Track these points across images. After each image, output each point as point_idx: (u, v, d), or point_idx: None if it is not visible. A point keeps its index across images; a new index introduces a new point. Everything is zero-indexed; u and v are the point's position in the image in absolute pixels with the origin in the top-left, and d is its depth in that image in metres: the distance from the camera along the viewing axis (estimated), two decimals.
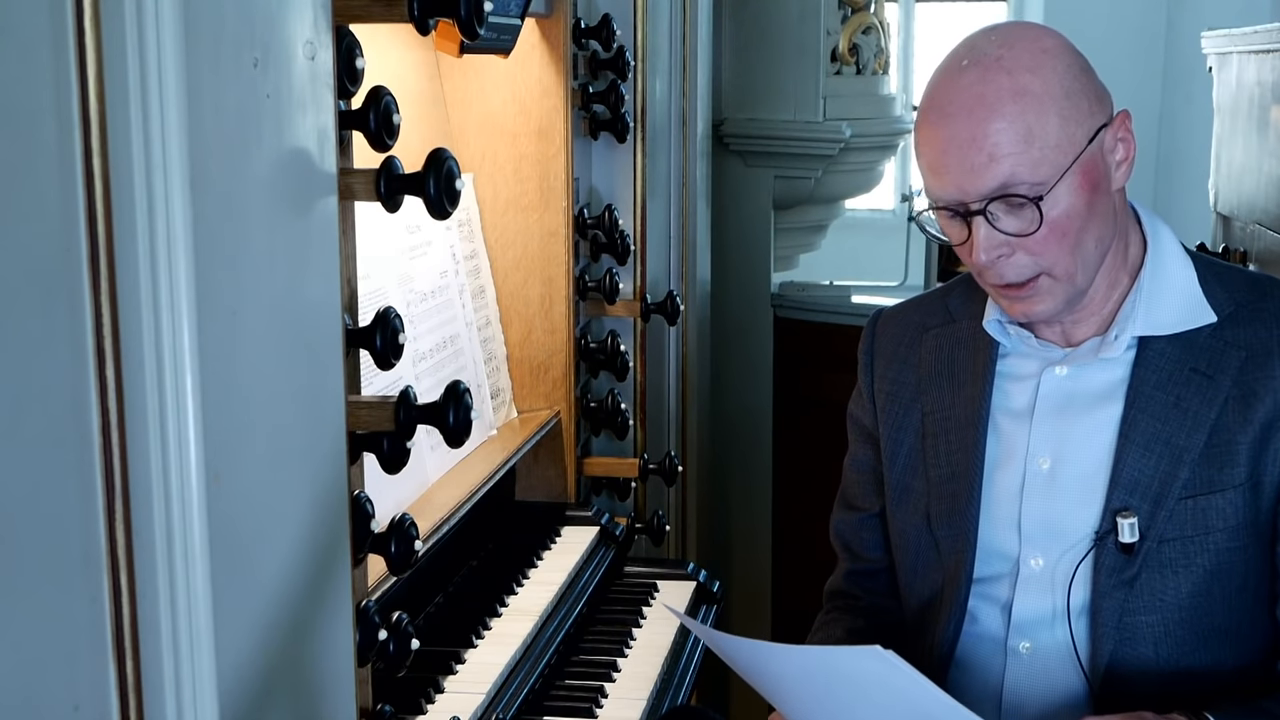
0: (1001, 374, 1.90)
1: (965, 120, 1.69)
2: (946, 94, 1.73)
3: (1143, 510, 1.77)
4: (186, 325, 1.13)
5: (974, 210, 1.71)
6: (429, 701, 1.97)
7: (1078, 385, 1.85)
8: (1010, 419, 1.88)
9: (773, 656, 1.67)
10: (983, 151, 1.68)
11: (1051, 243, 1.71)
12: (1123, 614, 1.78)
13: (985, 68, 1.71)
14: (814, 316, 4.12)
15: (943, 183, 1.73)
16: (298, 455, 1.40)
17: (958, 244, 1.78)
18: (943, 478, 1.92)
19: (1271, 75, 3.46)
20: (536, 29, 2.58)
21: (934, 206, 1.77)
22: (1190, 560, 1.77)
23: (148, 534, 1.13)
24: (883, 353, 2.03)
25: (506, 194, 2.67)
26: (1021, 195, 1.69)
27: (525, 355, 2.72)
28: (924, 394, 1.97)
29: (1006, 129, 1.68)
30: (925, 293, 2.14)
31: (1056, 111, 1.69)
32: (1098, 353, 1.82)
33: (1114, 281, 1.84)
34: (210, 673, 1.18)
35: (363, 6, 1.49)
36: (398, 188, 1.54)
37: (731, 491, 4.15)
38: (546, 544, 2.59)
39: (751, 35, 3.97)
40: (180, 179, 1.12)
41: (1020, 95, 1.68)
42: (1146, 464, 1.78)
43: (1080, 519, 1.81)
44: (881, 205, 8.03)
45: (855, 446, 2.09)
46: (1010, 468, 1.87)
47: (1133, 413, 1.80)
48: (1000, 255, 1.73)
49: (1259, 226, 3.67)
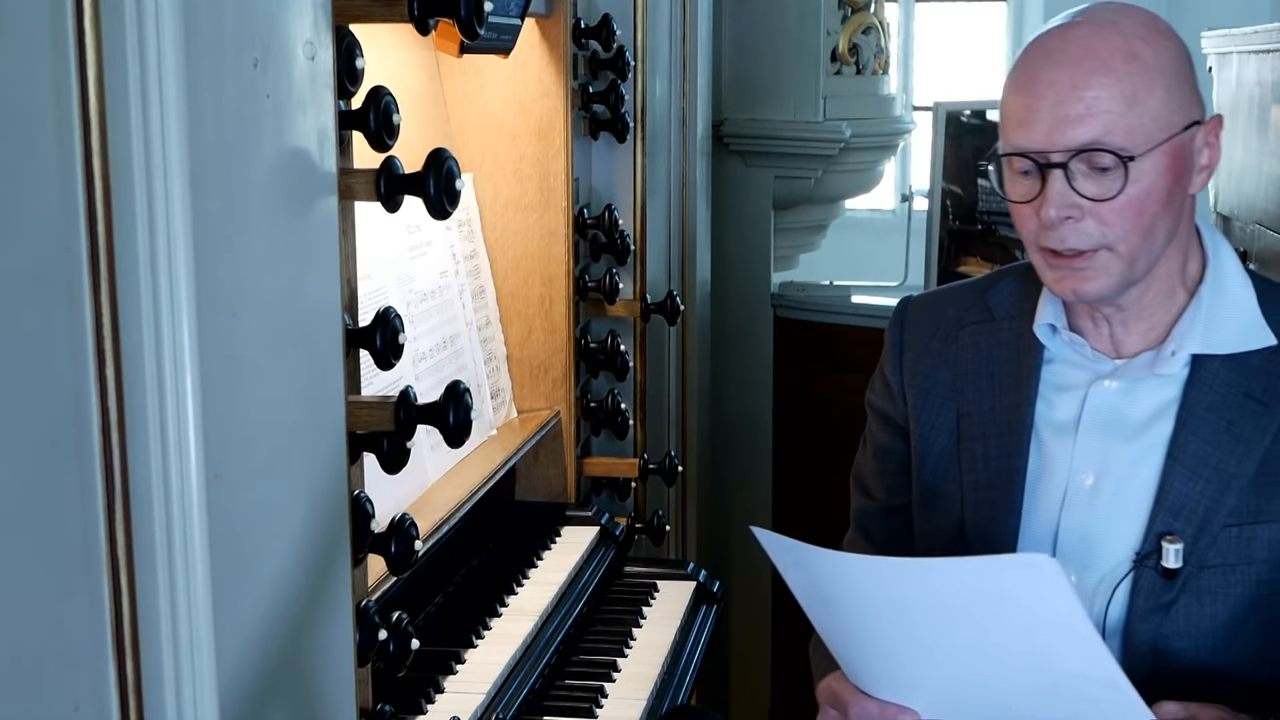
0: (1046, 382, 1.83)
1: (1071, 69, 1.65)
2: (1056, 43, 1.68)
3: (1186, 535, 1.72)
4: (186, 325, 1.13)
5: (1054, 163, 1.66)
6: (429, 701, 1.97)
7: (1127, 401, 1.78)
8: (1052, 430, 1.82)
9: (880, 572, 1.58)
10: (1081, 102, 1.64)
11: (1127, 216, 1.66)
12: (1157, 637, 1.73)
13: (1100, 25, 1.67)
14: (814, 316, 4.11)
15: (1030, 130, 1.67)
16: (298, 455, 1.40)
17: (1022, 201, 1.71)
18: (979, 484, 1.86)
19: (1271, 75, 3.46)
20: (536, 29, 2.58)
21: (1011, 153, 1.70)
22: (1229, 589, 1.72)
23: (148, 534, 1.13)
24: (914, 344, 1.96)
25: (506, 194, 2.67)
26: (1112, 153, 1.64)
27: (525, 355, 2.72)
28: (960, 394, 1.90)
29: (1112, 85, 1.64)
30: (957, 284, 2.06)
31: (1162, 85, 1.66)
32: (1152, 368, 1.76)
33: (1170, 292, 1.78)
34: (210, 673, 1.18)
35: (363, 6, 1.49)
36: (398, 188, 1.54)
37: (731, 491, 4.15)
38: (546, 544, 2.59)
39: (751, 35, 3.97)
40: (180, 179, 1.12)
41: (1132, 58, 1.65)
42: (1193, 488, 1.72)
43: (1120, 538, 1.76)
44: (881, 205, 8.04)
45: (879, 436, 2.01)
46: (1051, 481, 1.81)
47: (1183, 434, 1.74)
48: (1069, 217, 1.67)
49: (1259, 226, 3.67)
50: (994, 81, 9.57)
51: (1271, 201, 3.55)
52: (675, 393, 3.33)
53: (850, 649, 1.68)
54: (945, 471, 1.90)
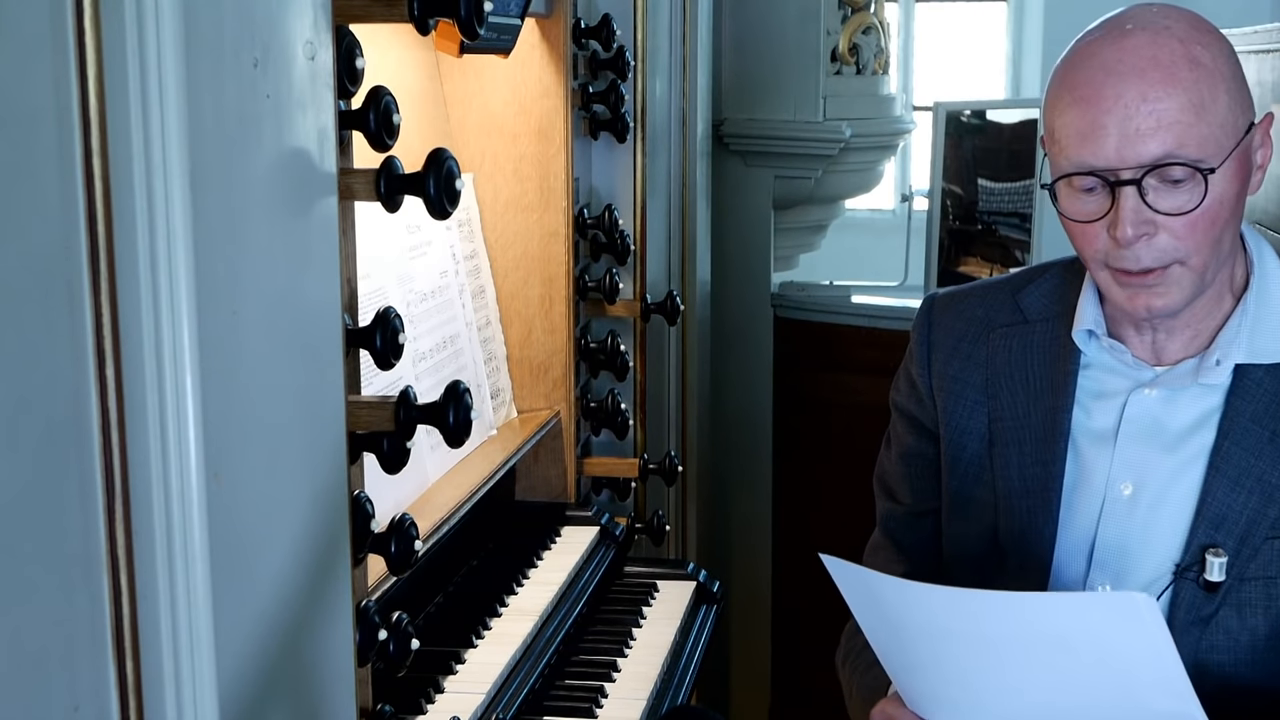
0: (1083, 389, 1.79)
1: (1137, 81, 1.58)
2: (1112, 53, 1.60)
3: (1227, 547, 1.69)
4: (186, 325, 1.13)
5: (1125, 180, 1.60)
6: (429, 701, 1.97)
7: (1168, 410, 1.75)
8: (1090, 438, 1.79)
9: (958, 602, 1.52)
10: (1152, 115, 1.57)
11: (1200, 228, 1.61)
12: (1197, 651, 1.70)
13: (1155, 32, 1.60)
14: (814, 316, 4.11)
15: (1098, 147, 1.59)
16: (298, 455, 1.40)
17: (1089, 220, 1.64)
18: (1014, 492, 1.82)
19: (1271, 75, 3.46)
20: (536, 29, 2.58)
21: (1077, 172, 1.62)
22: (1271, 602, 1.69)
23: (148, 534, 1.13)
24: (942, 345, 1.91)
25: (506, 194, 2.67)
26: (1188, 165, 1.57)
27: (525, 355, 2.72)
28: (992, 398, 1.85)
29: (1180, 95, 1.57)
30: (984, 283, 2.00)
31: (1225, 90, 1.61)
32: (1196, 376, 1.73)
33: (1217, 298, 1.73)
34: (210, 673, 1.18)
35: (363, 6, 1.49)
36: (398, 188, 1.54)
37: (731, 491, 4.15)
38: (546, 544, 2.59)
39: (751, 35, 3.97)
40: (180, 179, 1.12)
41: (1195, 65, 1.59)
42: (1235, 499, 1.69)
43: (1158, 549, 1.73)
44: (881, 205, 8.04)
45: (905, 438, 1.97)
46: (1088, 490, 1.78)
47: (1226, 444, 1.70)
48: (1144, 234, 1.61)
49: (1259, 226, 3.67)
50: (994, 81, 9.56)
51: (1271, 201, 3.55)
52: (675, 393, 3.33)
53: (915, 676, 1.63)
54: (977, 476, 1.87)
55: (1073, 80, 1.64)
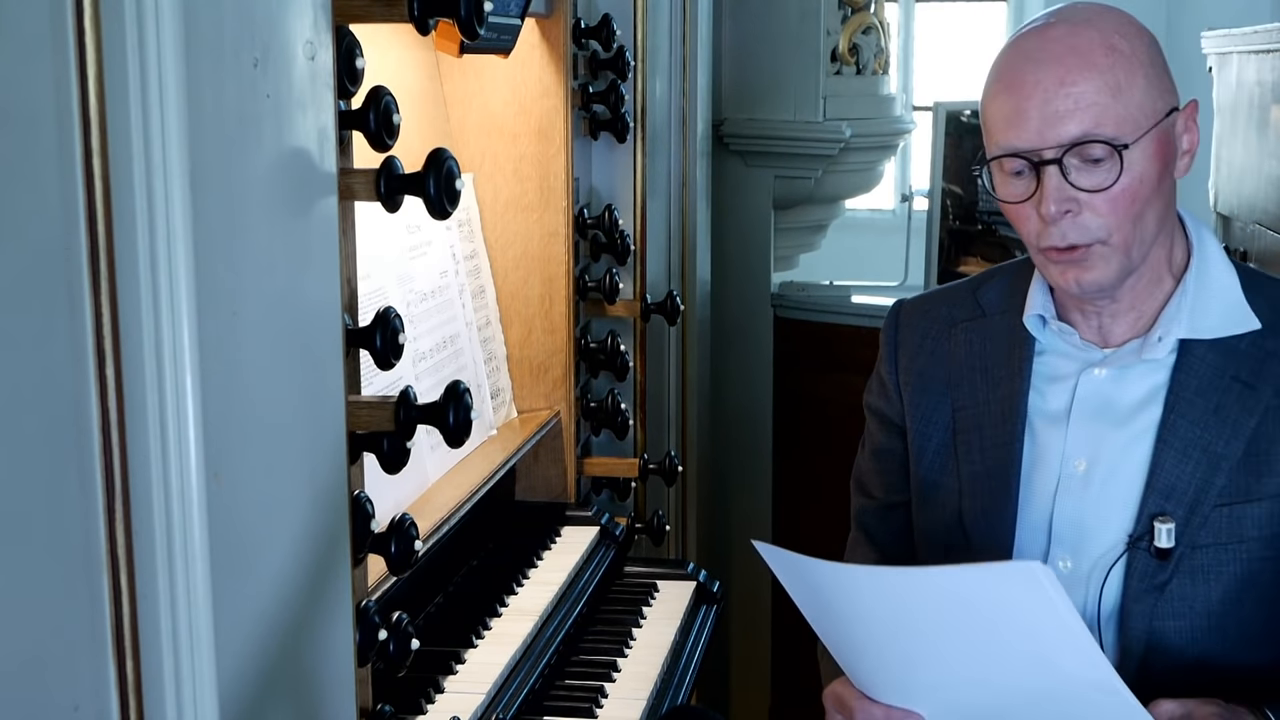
0: (1037, 373, 1.88)
1: (1055, 67, 1.69)
2: (1034, 45, 1.72)
3: (1177, 516, 1.76)
4: (186, 325, 1.13)
5: (1048, 160, 1.69)
6: (429, 701, 1.97)
7: (1116, 388, 1.83)
8: (1045, 420, 1.86)
9: (879, 581, 1.60)
10: (1070, 97, 1.68)
11: (1121, 205, 1.70)
12: (1152, 618, 1.76)
13: (1075, 24, 1.72)
14: (814, 316, 4.12)
15: (1021, 130, 1.70)
16: (298, 455, 1.40)
17: (1017, 202, 1.75)
18: (976, 475, 1.89)
19: (1271, 75, 3.46)
20: (536, 29, 2.58)
21: (1003, 155, 1.73)
22: (1222, 568, 1.76)
23: (148, 534, 1.13)
24: (908, 344, 2.00)
25: (506, 194, 2.67)
26: (1105, 143, 1.67)
27: (525, 355, 2.72)
28: (954, 389, 1.94)
29: (1096, 79, 1.68)
30: (950, 285, 2.10)
31: (1143, 74, 1.70)
32: (1140, 354, 1.80)
33: (1157, 279, 1.82)
34: (210, 673, 1.18)
35: (363, 6, 1.49)
36: (398, 188, 1.54)
37: (731, 491, 4.15)
38: (546, 544, 2.59)
39: (751, 35, 3.97)
40: (180, 179, 1.12)
41: (1112, 51, 1.69)
42: (1183, 469, 1.76)
43: (1113, 522, 1.80)
44: (881, 205, 8.04)
45: (877, 436, 2.05)
46: (1045, 469, 1.85)
47: (1172, 417, 1.78)
48: (1068, 211, 1.70)
49: (1259, 226, 3.68)
50: None
51: (1271, 201, 3.55)
52: (675, 393, 3.33)
53: (854, 656, 1.69)
54: (942, 465, 1.94)
55: (1000, 71, 1.76)
